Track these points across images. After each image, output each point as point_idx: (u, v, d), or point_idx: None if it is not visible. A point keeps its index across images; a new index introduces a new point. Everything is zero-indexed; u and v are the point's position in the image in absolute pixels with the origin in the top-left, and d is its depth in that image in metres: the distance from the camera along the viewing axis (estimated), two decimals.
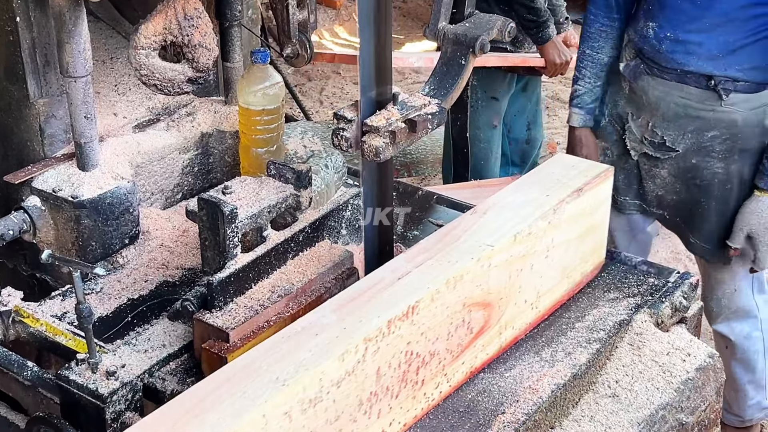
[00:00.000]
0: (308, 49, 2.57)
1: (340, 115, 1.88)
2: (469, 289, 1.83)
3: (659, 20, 2.82)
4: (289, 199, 2.06)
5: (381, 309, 1.68)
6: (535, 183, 2.08)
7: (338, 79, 6.27)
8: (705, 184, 2.88)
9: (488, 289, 1.88)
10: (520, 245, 1.93)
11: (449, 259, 1.82)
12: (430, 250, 1.86)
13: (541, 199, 2.02)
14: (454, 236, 1.90)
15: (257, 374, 1.55)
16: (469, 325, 1.87)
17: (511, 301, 1.96)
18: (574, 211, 2.06)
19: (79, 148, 2.15)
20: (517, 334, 2.02)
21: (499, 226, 1.92)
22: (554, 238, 2.02)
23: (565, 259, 2.09)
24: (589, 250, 2.17)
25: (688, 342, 2.13)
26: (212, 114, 2.47)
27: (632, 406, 1.97)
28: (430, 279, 1.76)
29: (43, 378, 1.97)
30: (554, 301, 2.11)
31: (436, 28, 2.10)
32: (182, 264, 2.26)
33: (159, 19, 2.21)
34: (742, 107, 2.79)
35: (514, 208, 1.99)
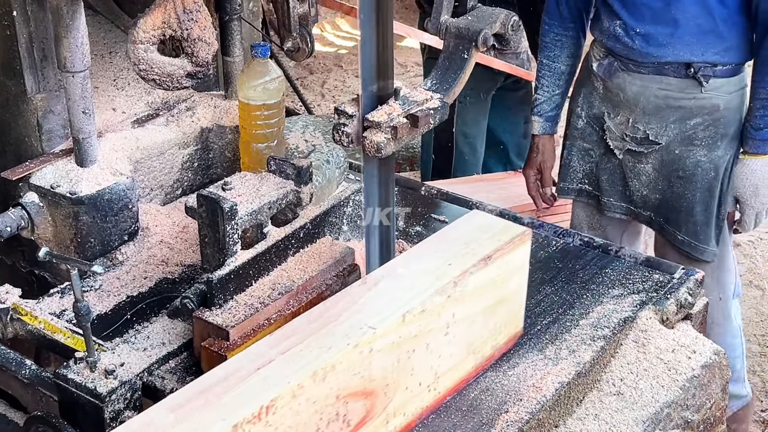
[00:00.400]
0: (309, 42, 2.54)
1: (341, 110, 1.85)
2: (344, 378, 1.58)
3: (624, 18, 2.80)
4: (289, 195, 2.04)
5: (228, 410, 1.44)
6: (438, 249, 1.84)
7: (340, 72, 6.24)
8: (689, 174, 2.87)
9: (370, 376, 1.63)
10: (411, 325, 1.68)
11: (321, 345, 1.57)
12: (300, 333, 1.60)
13: (441, 269, 1.77)
14: (333, 315, 1.65)
15: None
16: (345, 418, 1.62)
17: (401, 386, 1.71)
18: (480, 282, 1.81)
19: (78, 144, 2.13)
20: (410, 421, 1.77)
21: (386, 304, 1.67)
22: (455, 314, 1.78)
23: (470, 335, 1.85)
24: (501, 322, 1.93)
25: (694, 339, 2.10)
26: (212, 109, 2.44)
27: (637, 404, 1.94)
28: (293, 371, 1.51)
29: (41, 376, 1.95)
30: (458, 380, 1.86)
31: (438, 21, 2.07)
32: (182, 261, 2.23)
33: (158, 13, 2.19)
34: (723, 91, 2.80)
35: (408, 280, 1.74)
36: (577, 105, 3.04)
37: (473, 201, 2.52)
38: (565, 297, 2.13)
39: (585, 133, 3.04)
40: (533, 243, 2.30)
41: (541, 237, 2.34)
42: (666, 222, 2.93)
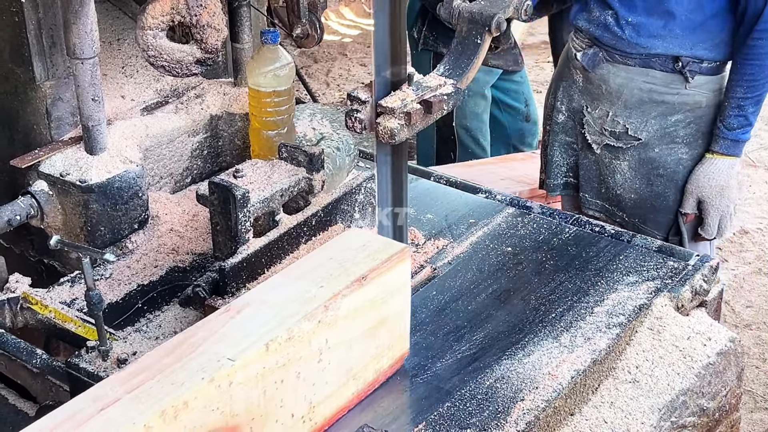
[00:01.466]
0: (318, 29, 2.53)
1: (354, 96, 1.84)
2: (200, 416, 1.46)
3: (616, 7, 2.76)
4: (301, 183, 2.03)
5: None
6: (309, 272, 1.72)
7: (345, 61, 6.21)
8: (670, 172, 2.84)
9: (232, 411, 1.52)
10: (277, 354, 1.57)
11: (173, 381, 1.45)
12: (152, 368, 1.48)
13: (311, 292, 1.66)
14: (190, 346, 1.53)
15: None
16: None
17: (270, 419, 1.59)
18: (355, 304, 1.70)
19: (87, 132, 2.11)
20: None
21: (248, 333, 1.56)
22: (329, 339, 1.66)
23: (349, 360, 1.73)
24: (384, 345, 1.81)
25: (709, 326, 2.08)
26: (221, 96, 2.42)
27: (653, 391, 1.92)
28: (139, 411, 1.39)
29: (52, 366, 1.93)
30: (338, 408, 1.75)
31: (451, 6, 2.05)
32: (192, 249, 2.22)
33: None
34: (706, 89, 2.78)
35: (275, 306, 1.63)
36: (557, 99, 3.00)
37: (483, 188, 2.50)
38: (580, 284, 2.11)
39: (567, 126, 3.00)
40: (546, 230, 2.30)
41: (554, 224, 2.32)
42: (643, 223, 2.89)
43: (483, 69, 4.02)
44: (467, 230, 2.31)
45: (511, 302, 2.06)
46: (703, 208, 2.83)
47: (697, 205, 2.83)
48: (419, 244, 2.26)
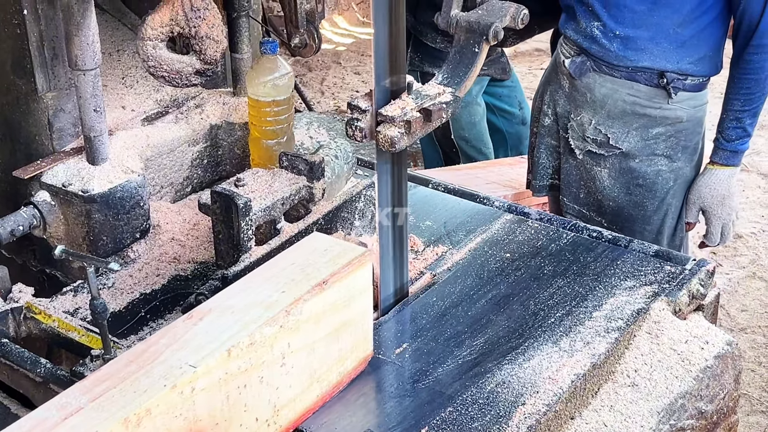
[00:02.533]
0: (316, 38, 2.55)
1: (354, 105, 1.86)
2: (163, 422, 1.48)
3: (604, 19, 2.77)
4: (302, 191, 2.05)
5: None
6: (271, 277, 1.74)
7: (339, 69, 6.24)
8: (649, 183, 2.87)
9: (195, 417, 1.53)
10: (239, 360, 1.59)
11: (136, 389, 1.47)
12: (115, 376, 1.50)
13: (273, 297, 1.68)
14: (153, 353, 1.55)
15: None
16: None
17: (234, 423, 1.62)
18: (317, 308, 1.72)
19: (89, 142, 2.13)
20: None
21: (211, 339, 1.58)
22: (291, 343, 1.69)
23: (312, 364, 1.75)
24: (348, 347, 1.84)
25: (706, 330, 2.10)
26: (221, 106, 2.44)
27: (652, 395, 1.94)
28: (102, 419, 1.41)
29: (57, 375, 1.95)
30: (303, 410, 1.77)
31: (449, 15, 2.07)
32: (194, 258, 2.24)
33: (166, 10, 2.19)
34: (687, 105, 2.80)
35: (237, 312, 1.65)
36: (544, 102, 3.02)
37: (481, 195, 2.52)
38: (578, 289, 2.13)
39: (552, 130, 3.02)
40: (544, 236, 2.32)
41: (552, 230, 2.35)
42: (621, 231, 2.89)
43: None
44: (466, 237, 2.33)
45: (511, 307, 2.08)
46: (706, 217, 2.89)
47: (699, 215, 2.89)
48: (419, 251, 2.28)
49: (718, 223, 2.88)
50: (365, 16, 7.11)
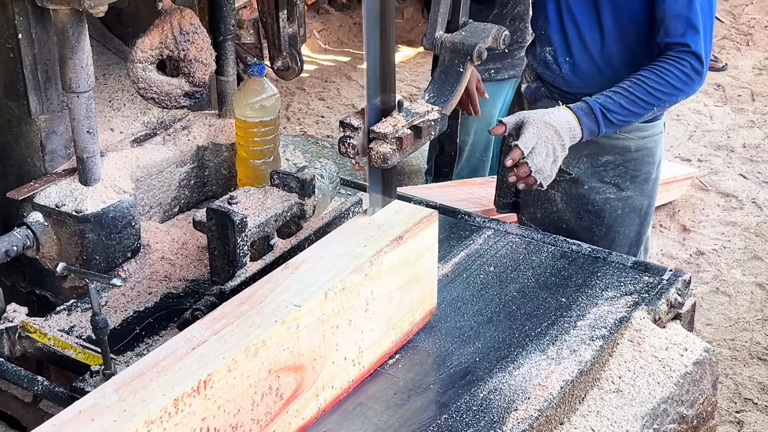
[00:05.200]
0: (298, 61, 2.61)
1: (347, 122, 1.92)
2: (274, 354, 1.68)
3: (555, 45, 2.81)
4: (294, 208, 2.10)
5: (168, 386, 1.53)
6: (353, 234, 1.95)
7: (303, 95, 6.30)
8: (597, 209, 2.90)
9: (298, 351, 1.74)
10: (333, 302, 1.79)
11: (251, 324, 1.68)
12: (231, 315, 1.71)
13: (357, 250, 1.89)
14: (260, 297, 1.76)
15: None
16: (278, 392, 1.72)
17: (328, 360, 1.82)
18: (394, 260, 1.93)
19: (82, 163, 2.17)
20: (338, 394, 1.88)
21: (309, 284, 1.79)
22: (374, 291, 1.89)
23: (389, 311, 1.96)
24: (417, 299, 2.04)
25: (684, 337, 2.18)
26: (207, 127, 2.49)
27: (635, 400, 2.01)
28: (226, 348, 1.62)
29: (54, 392, 1.97)
30: (381, 354, 1.98)
31: (434, 37, 2.15)
32: (184, 276, 2.27)
33: (155, 34, 2.24)
34: (635, 135, 2.81)
35: (328, 262, 1.85)
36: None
37: (462, 211, 2.58)
38: (562, 300, 2.20)
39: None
40: (525, 250, 2.39)
41: (533, 244, 2.42)
42: None
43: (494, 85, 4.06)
44: (450, 252, 2.39)
45: (498, 318, 2.14)
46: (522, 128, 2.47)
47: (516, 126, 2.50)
48: None
49: (531, 135, 2.43)
50: (326, 43, 7.19)
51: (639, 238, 2.98)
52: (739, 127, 5.84)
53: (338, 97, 6.33)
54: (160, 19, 2.23)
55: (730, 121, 5.92)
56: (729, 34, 7.27)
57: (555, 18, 2.78)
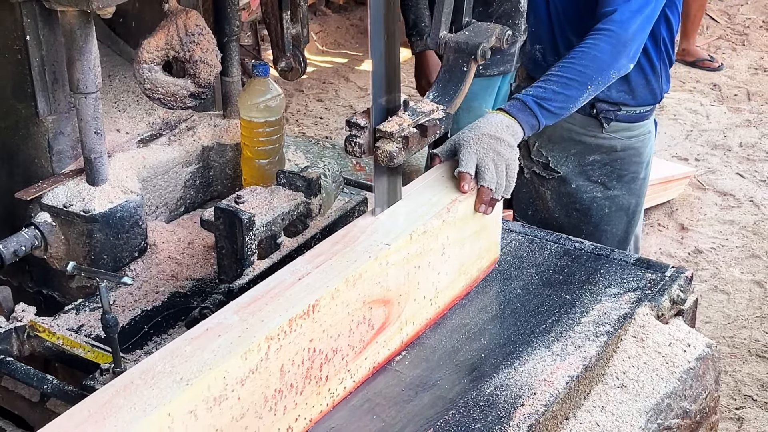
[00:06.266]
0: (302, 62, 2.63)
1: (353, 122, 1.94)
2: (368, 286, 1.86)
3: (544, 43, 2.84)
4: (300, 207, 2.12)
5: (282, 308, 1.71)
6: (428, 184, 2.11)
7: (302, 97, 6.31)
8: (584, 208, 2.92)
9: (387, 286, 1.91)
10: (417, 243, 1.96)
11: (348, 259, 1.85)
12: (328, 252, 1.88)
13: (435, 198, 2.06)
14: (352, 237, 1.92)
15: (160, 376, 1.55)
16: (370, 322, 1.90)
17: (411, 297, 2.00)
18: (466, 210, 2.10)
19: (89, 164, 2.18)
20: (418, 330, 2.06)
21: (395, 226, 1.96)
22: (449, 236, 2.07)
23: (461, 256, 2.13)
24: (484, 247, 2.23)
25: (687, 333, 2.20)
26: (212, 128, 2.51)
27: (639, 395, 2.03)
28: (329, 278, 1.79)
29: (64, 390, 1.99)
30: (452, 297, 2.16)
31: (438, 37, 2.16)
32: (191, 275, 2.29)
33: (161, 35, 2.26)
34: (622, 135, 2.83)
35: (411, 208, 2.02)
36: None
37: None
38: (566, 297, 2.22)
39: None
40: (528, 248, 2.41)
41: (536, 242, 2.44)
42: None
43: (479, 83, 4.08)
44: None
45: (503, 315, 2.16)
46: (458, 152, 2.19)
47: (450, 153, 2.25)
48: None
49: (469, 155, 2.15)
50: (324, 45, 7.21)
51: (626, 236, 3.00)
52: (736, 126, 5.87)
53: (336, 99, 6.35)
54: (165, 21, 2.25)
55: (727, 121, 5.95)
56: (725, 34, 7.30)
57: (545, 16, 2.81)
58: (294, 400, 1.76)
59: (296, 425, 1.79)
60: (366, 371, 1.94)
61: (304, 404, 1.79)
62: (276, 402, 1.71)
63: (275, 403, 1.71)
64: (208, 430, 1.58)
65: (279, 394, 1.71)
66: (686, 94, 6.28)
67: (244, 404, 1.64)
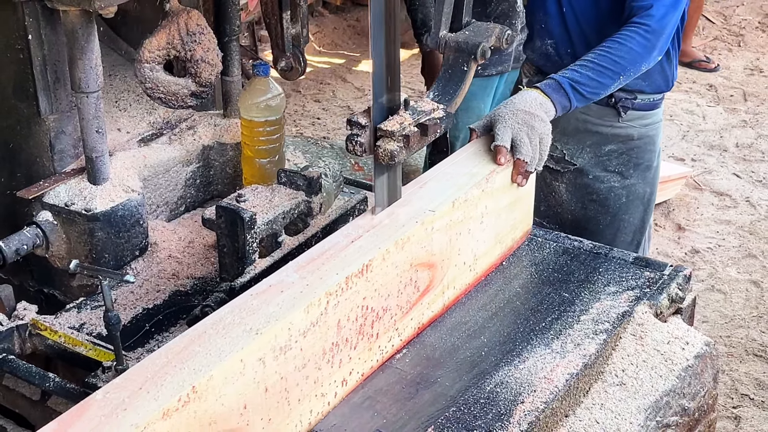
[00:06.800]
0: (301, 62, 2.64)
1: (354, 121, 1.95)
2: (415, 250, 1.99)
3: (555, 37, 2.86)
4: (301, 205, 2.13)
5: (339, 267, 1.83)
6: (469, 156, 2.24)
7: (299, 98, 6.32)
8: (602, 198, 2.95)
9: (432, 250, 2.04)
10: (458, 211, 2.09)
11: (396, 224, 1.98)
12: (377, 217, 2.02)
13: (475, 170, 2.18)
14: (398, 204, 2.06)
15: (231, 327, 1.67)
16: (416, 284, 2.02)
17: (452, 262, 2.12)
18: (503, 181, 2.24)
19: (91, 163, 2.19)
20: (458, 294, 2.19)
21: (438, 194, 2.08)
22: (487, 206, 2.19)
23: (497, 226, 2.27)
24: (518, 218, 2.36)
25: (686, 331, 2.21)
26: (212, 127, 2.52)
27: (639, 393, 2.04)
28: (380, 241, 1.92)
29: (66, 388, 2.00)
30: (489, 264, 2.28)
31: (438, 36, 2.18)
32: (192, 274, 2.30)
33: (162, 35, 2.27)
34: (638, 123, 2.87)
35: (452, 178, 2.15)
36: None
37: None
38: (565, 295, 2.23)
39: None
40: (527, 247, 2.42)
41: (535, 241, 2.45)
42: None
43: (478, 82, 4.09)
44: None
45: (503, 313, 2.17)
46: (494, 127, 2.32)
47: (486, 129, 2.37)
48: None
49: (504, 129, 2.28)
50: (321, 45, 7.22)
51: (643, 225, 3.03)
52: (732, 126, 5.89)
53: (334, 99, 6.36)
54: (167, 20, 2.26)
55: (723, 121, 5.97)
56: (721, 35, 7.32)
57: (555, 11, 2.83)
58: (348, 355, 1.88)
59: (350, 378, 1.91)
60: (411, 331, 2.06)
61: (357, 359, 1.91)
62: (333, 355, 1.83)
63: (332, 356, 1.83)
64: (274, 377, 1.70)
65: (335, 348, 1.84)
66: (682, 95, 6.29)
67: (306, 355, 1.76)
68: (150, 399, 1.50)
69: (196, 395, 1.54)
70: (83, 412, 1.51)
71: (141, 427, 1.46)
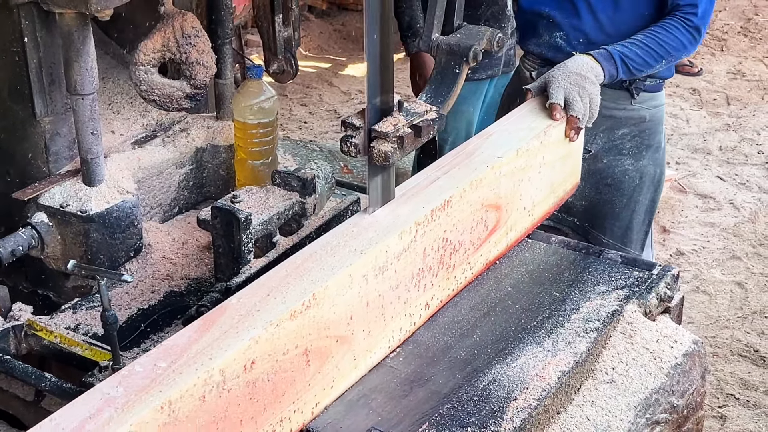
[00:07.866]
0: (293, 65, 2.66)
1: (349, 122, 1.97)
2: (486, 191, 2.17)
3: (566, 30, 2.94)
4: (295, 206, 2.15)
5: (424, 202, 2.03)
6: (524, 114, 2.45)
7: (286, 102, 6.34)
8: (616, 182, 3.03)
9: (499, 193, 2.23)
10: (521, 159, 2.27)
11: (469, 167, 2.16)
12: (451, 162, 2.21)
13: (533, 124, 2.38)
14: (468, 152, 2.24)
15: (337, 248, 1.88)
16: (486, 223, 2.22)
17: (515, 206, 2.31)
18: (558, 135, 2.43)
19: (86, 164, 2.21)
20: (518, 236, 2.39)
21: (503, 144, 2.27)
22: (545, 156, 2.38)
23: (552, 176, 2.45)
24: (569, 171, 2.56)
25: (674, 330, 2.25)
26: (205, 129, 2.54)
27: (628, 390, 2.07)
28: (457, 181, 2.11)
29: (62, 388, 2.01)
30: (544, 212, 2.48)
31: (430, 39, 2.20)
32: (186, 274, 2.32)
33: (158, 37, 2.29)
34: (648, 105, 2.99)
35: (514, 131, 2.34)
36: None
37: None
38: (555, 295, 2.26)
39: None
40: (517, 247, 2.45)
41: (525, 242, 2.48)
42: (592, 227, 3.08)
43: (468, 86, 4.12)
44: None
45: (494, 313, 2.20)
46: (548, 86, 2.55)
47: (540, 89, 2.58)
48: None
49: (558, 89, 2.50)
50: (307, 50, 7.24)
51: (653, 206, 3.16)
52: (715, 130, 5.95)
53: (320, 103, 6.38)
54: (162, 23, 2.27)
55: (707, 125, 6.02)
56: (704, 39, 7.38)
57: (567, 4, 2.91)
58: (431, 281, 2.08)
59: (432, 302, 2.12)
60: (480, 266, 2.27)
61: (438, 286, 2.11)
62: (419, 279, 2.04)
63: (419, 280, 2.04)
64: (373, 293, 1.91)
65: (421, 273, 2.04)
66: (666, 99, 6.27)
67: (398, 276, 1.97)
68: (278, 302, 1.72)
69: (315, 301, 1.75)
70: (222, 313, 1.71)
71: (275, 324, 1.67)
